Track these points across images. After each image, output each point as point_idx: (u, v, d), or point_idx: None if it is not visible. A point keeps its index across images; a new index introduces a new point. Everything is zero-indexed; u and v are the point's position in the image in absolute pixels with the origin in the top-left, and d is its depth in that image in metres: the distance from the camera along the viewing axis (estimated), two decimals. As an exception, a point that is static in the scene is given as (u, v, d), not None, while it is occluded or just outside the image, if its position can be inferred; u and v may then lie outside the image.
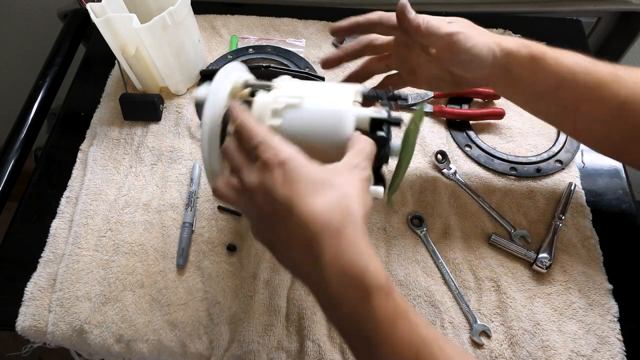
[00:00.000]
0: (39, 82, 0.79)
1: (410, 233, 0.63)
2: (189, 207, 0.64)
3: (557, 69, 0.50)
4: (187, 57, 0.72)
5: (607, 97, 0.48)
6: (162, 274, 0.61)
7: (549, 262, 0.59)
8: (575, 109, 0.51)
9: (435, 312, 0.57)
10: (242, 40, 0.83)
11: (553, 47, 0.51)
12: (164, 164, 0.70)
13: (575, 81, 0.49)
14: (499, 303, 0.58)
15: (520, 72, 0.51)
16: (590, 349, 0.55)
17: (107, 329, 0.57)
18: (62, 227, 0.65)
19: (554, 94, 0.51)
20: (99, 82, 0.79)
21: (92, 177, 0.68)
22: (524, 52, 0.51)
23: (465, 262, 0.61)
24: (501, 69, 0.51)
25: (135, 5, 0.71)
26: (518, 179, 0.67)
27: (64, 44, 0.84)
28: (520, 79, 0.52)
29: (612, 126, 0.50)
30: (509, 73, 0.51)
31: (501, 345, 0.55)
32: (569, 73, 0.50)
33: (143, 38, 0.65)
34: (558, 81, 0.50)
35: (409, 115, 0.49)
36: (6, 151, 0.71)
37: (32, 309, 0.59)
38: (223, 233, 0.64)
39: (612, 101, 0.48)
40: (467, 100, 0.74)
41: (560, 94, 0.51)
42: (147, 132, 0.72)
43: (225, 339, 0.56)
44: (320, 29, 0.84)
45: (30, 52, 1.10)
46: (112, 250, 0.62)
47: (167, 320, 0.58)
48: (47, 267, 0.62)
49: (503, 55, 0.51)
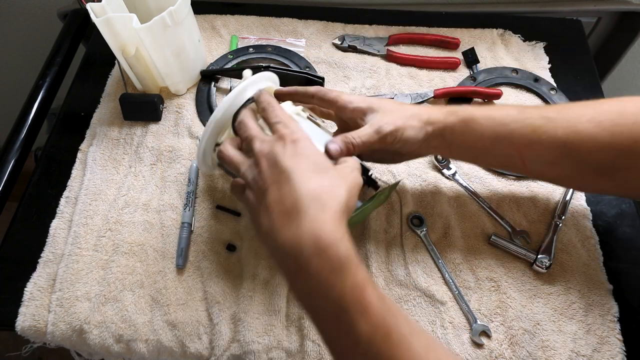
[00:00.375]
0: (39, 82, 0.79)
1: (410, 233, 0.63)
2: (187, 207, 0.64)
3: (489, 126, 0.52)
4: (187, 57, 0.72)
5: (546, 140, 0.50)
6: (161, 274, 0.61)
7: (549, 262, 0.58)
8: (520, 154, 0.52)
9: (435, 312, 0.57)
10: (242, 40, 0.83)
11: (481, 106, 0.55)
12: (164, 164, 0.69)
13: (510, 132, 0.51)
14: (499, 303, 0.58)
15: (454, 137, 0.53)
16: (590, 349, 0.55)
17: (106, 329, 0.57)
18: (61, 227, 0.65)
19: (494, 148, 0.52)
20: (99, 82, 0.79)
21: (91, 177, 0.68)
22: (453, 119, 0.52)
23: (465, 262, 0.60)
24: (436, 139, 0.53)
25: (135, 5, 0.71)
26: (518, 179, 0.67)
27: (64, 44, 0.84)
28: (457, 143, 0.53)
29: (561, 165, 0.51)
30: (444, 140, 0.53)
31: (501, 345, 0.55)
32: (501, 126, 0.51)
33: (143, 38, 0.65)
34: (494, 136, 0.52)
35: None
36: (6, 151, 0.71)
37: (31, 309, 0.59)
38: (222, 233, 0.64)
39: (552, 142, 0.49)
40: (467, 101, 0.75)
41: (500, 146, 0.52)
42: (147, 132, 0.72)
43: (225, 339, 0.56)
44: (320, 29, 0.84)
45: (30, 52, 1.10)
46: (112, 250, 0.62)
47: (167, 320, 0.58)
48: (47, 267, 0.62)
49: (435, 129, 0.52)
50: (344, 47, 0.82)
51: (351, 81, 0.78)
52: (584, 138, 0.48)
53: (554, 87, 0.76)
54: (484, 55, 0.80)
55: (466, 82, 0.77)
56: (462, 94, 0.74)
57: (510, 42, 0.82)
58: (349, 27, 0.84)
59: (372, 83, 0.77)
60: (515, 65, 0.79)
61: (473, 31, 0.83)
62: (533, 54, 0.81)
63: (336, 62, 0.80)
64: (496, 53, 0.81)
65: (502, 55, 0.80)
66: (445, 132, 0.52)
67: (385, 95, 0.75)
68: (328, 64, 0.80)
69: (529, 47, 0.82)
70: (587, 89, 0.77)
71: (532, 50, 0.81)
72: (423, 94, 0.75)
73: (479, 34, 0.83)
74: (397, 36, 0.82)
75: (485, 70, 0.78)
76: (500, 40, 0.82)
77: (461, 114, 0.53)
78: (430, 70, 0.79)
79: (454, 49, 0.81)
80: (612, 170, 0.48)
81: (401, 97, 0.75)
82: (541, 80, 0.77)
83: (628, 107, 0.48)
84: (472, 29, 0.83)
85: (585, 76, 0.78)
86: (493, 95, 0.73)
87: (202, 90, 0.77)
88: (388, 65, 0.80)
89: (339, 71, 0.79)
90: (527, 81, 0.77)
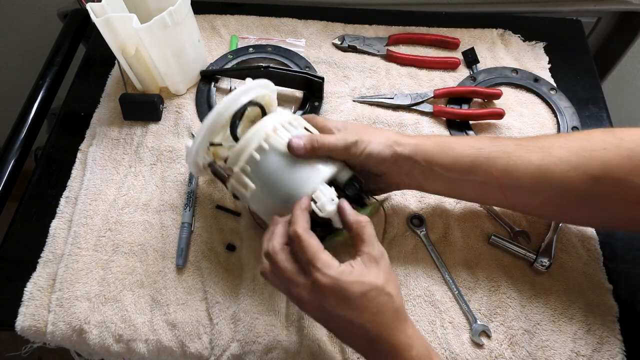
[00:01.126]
0: (39, 82, 0.79)
1: (410, 233, 0.63)
2: (187, 207, 0.64)
3: (463, 150, 0.52)
4: (187, 57, 0.72)
5: (522, 165, 0.50)
6: (161, 273, 0.61)
7: (549, 262, 0.58)
8: (498, 182, 0.52)
9: (435, 312, 0.57)
10: (242, 40, 0.83)
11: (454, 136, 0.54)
12: (164, 164, 0.69)
13: (485, 157, 0.52)
14: (499, 303, 0.58)
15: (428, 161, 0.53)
16: (590, 349, 0.55)
17: (106, 329, 0.57)
18: (61, 227, 0.65)
19: (470, 174, 0.52)
20: (99, 82, 0.79)
21: (91, 177, 0.68)
22: (427, 142, 0.53)
23: (465, 262, 0.60)
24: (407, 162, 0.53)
25: (135, 5, 0.71)
26: (518, 179, 0.67)
27: (64, 44, 0.84)
28: (431, 168, 0.53)
29: (540, 193, 0.51)
30: (416, 165, 0.53)
31: (501, 345, 0.55)
32: (476, 150, 0.52)
33: (143, 38, 0.65)
34: (469, 160, 0.52)
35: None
36: (6, 151, 0.71)
37: (31, 309, 0.59)
38: (222, 233, 0.64)
39: (528, 167, 0.50)
40: (467, 100, 0.75)
41: (476, 172, 0.52)
42: (147, 132, 0.72)
43: (224, 339, 0.56)
44: (320, 29, 0.84)
45: (30, 52, 1.10)
46: (112, 250, 0.62)
47: (167, 320, 0.58)
48: (47, 267, 0.62)
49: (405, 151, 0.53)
50: (344, 47, 0.82)
51: (351, 81, 0.78)
52: (557, 162, 0.49)
53: (554, 87, 0.76)
54: (483, 55, 0.80)
55: (466, 82, 0.77)
56: (462, 94, 0.74)
57: (510, 42, 0.82)
58: (349, 27, 0.84)
59: (372, 83, 0.77)
60: (515, 65, 0.79)
61: (473, 31, 0.83)
62: (533, 54, 0.81)
63: (336, 62, 0.80)
64: (496, 53, 0.81)
65: (502, 55, 0.80)
66: (417, 155, 0.53)
67: (385, 95, 0.75)
68: (328, 64, 0.80)
69: (528, 47, 0.82)
70: (587, 89, 0.77)
71: (532, 50, 0.81)
72: (423, 93, 0.75)
73: (478, 34, 0.83)
74: (397, 36, 0.82)
75: (485, 70, 0.78)
76: (500, 40, 0.82)
77: (435, 139, 0.54)
78: (430, 70, 0.79)
79: (453, 49, 0.81)
80: (590, 196, 0.49)
81: (401, 97, 0.75)
82: (541, 80, 0.77)
83: (595, 135, 0.50)
84: (472, 29, 0.83)
85: (585, 76, 0.78)
86: (493, 95, 0.73)
87: (202, 91, 0.77)
88: (388, 65, 0.80)
89: (338, 71, 0.79)
90: (527, 81, 0.77)
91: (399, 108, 0.75)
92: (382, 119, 0.73)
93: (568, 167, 0.49)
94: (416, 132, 0.71)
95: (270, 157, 0.52)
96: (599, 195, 0.49)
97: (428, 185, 0.56)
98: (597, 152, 0.48)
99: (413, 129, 0.72)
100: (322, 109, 0.75)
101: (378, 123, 0.73)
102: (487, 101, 0.75)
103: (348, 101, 0.75)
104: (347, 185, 0.52)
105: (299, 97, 0.77)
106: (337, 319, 0.45)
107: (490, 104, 0.74)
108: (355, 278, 0.44)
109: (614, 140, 0.48)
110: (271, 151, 0.52)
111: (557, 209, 0.53)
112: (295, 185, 0.51)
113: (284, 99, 0.76)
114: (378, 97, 0.75)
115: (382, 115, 0.73)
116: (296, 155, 0.51)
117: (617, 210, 0.50)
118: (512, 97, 0.76)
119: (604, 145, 0.48)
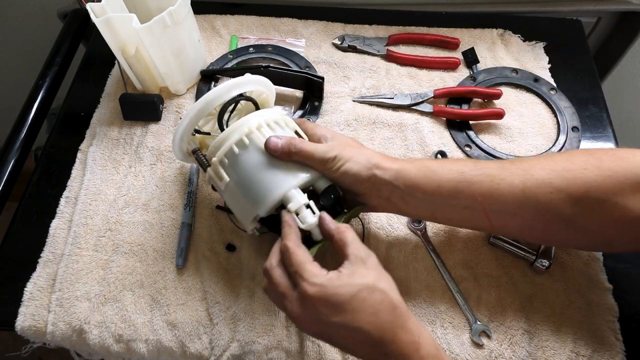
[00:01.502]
0: (39, 82, 0.79)
1: (410, 233, 0.63)
2: (187, 207, 0.64)
3: (446, 175, 0.52)
4: (187, 57, 0.72)
5: (505, 188, 0.50)
6: (161, 274, 0.61)
7: (549, 262, 0.58)
8: (480, 205, 0.51)
9: (435, 312, 0.57)
10: (242, 40, 0.83)
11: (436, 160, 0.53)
12: (164, 164, 0.69)
13: (468, 180, 0.51)
14: (499, 303, 0.58)
15: (408, 186, 0.52)
16: (590, 349, 0.55)
17: (106, 329, 0.57)
18: (61, 227, 0.65)
19: (453, 198, 0.52)
20: (98, 82, 0.79)
21: (91, 177, 0.68)
22: (409, 166, 0.52)
23: (465, 261, 0.60)
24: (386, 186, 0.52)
25: (135, 5, 0.71)
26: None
27: (64, 44, 0.84)
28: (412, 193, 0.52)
29: (522, 216, 0.51)
30: (396, 190, 0.52)
31: (501, 345, 0.55)
32: (459, 174, 0.51)
33: (143, 38, 0.65)
34: (452, 185, 0.51)
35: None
36: (6, 151, 0.71)
37: (31, 309, 0.59)
38: (222, 233, 0.64)
39: (511, 190, 0.50)
40: (467, 100, 0.75)
41: (459, 197, 0.51)
42: (147, 132, 0.72)
43: (224, 339, 0.56)
44: (320, 29, 0.84)
45: (30, 52, 1.10)
46: (112, 250, 0.62)
47: (167, 320, 0.58)
48: (47, 267, 0.62)
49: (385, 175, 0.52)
50: (343, 47, 0.82)
51: (351, 81, 0.78)
52: (540, 184, 0.49)
53: (554, 87, 0.76)
54: (483, 55, 0.80)
55: (466, 82, 0.77)
56: (462, 94, 0.74)
57: (510, 42, 0.82)
58: (349, 27, 0.84)
59: (372, 83, 0.77)
60: (515, 65, 0.79)
61: (473, 31, 0.83)
62: (533, 54, 0.81)
63: (336, 62, 0.80)
64: (496, 53, 0.81)
65: (502, 55, 0.80)
66: (398, 180, 0.51)
67: (385, 95, 0.75)
68: (328, 64, 0.80)
69: (528, 47, 0.82)
70: (587, 89, 0.77)
71: (532, 50, 0.81)
72: (423, 94, 0.75)
73: (478, 34, 0.83)
74: (397, 36, 0.82)
75: (485, 70, 0.78)
76: (500, 40, 0.82)
77: (418, 164, 0.53)
78: (430, 70, 0.79)
79: (453, 49, 0.81)
80: (573, 217, 0.48)
81: (401, 97, 0.75)
82: (541, 80, 0.77)
83: (576, 156, 0.50)
84: (472, 29, 0.83)
85: (585, 76, 0.78)
86: (493, 95, 0.73)
87: (202, 90, 0.77)
88: (388, 65, 0.80)
89: (338, 71, 0.79)
90: (527, 81, 0.77)
91: (399, 108, 0.75)
92: (382, 119, 0.73)
93: (550, 189, 0.48)
94: (416, 132, 0.72)
95: (249, 153, 0.52)
96: (581, 217, 0.48)
97: (409, 210, 0.55)
98: (579, 173, 0.48)
99: (413, 129, 0.72)
100: (322, 109, 0.75)
101: (378, 123, 0.73)
102: (487, 101, 0.75)
103: (348, 101, 0.75)
104: (323, 194, 0.52)
105: (299, 97, 0.77)
106: (333, 328, 0.44)
107: (490, 104, 0.74)
108: (344, 281, 0.44)
109: (594, 160, 0.48)
110: (251, 147, 0.52)
111: (542, 233, 0.52)
112: (267, 186, 0.50)
113: (284, 98, 0.76)
114: (378, 97, 0.75)
115: (382, 115, 0.74)
116: (271, 154, 0.51)
117: (600, 232, 0.49)
118: (512, 97, 0.76)
119: (585, 165, 0.48)
